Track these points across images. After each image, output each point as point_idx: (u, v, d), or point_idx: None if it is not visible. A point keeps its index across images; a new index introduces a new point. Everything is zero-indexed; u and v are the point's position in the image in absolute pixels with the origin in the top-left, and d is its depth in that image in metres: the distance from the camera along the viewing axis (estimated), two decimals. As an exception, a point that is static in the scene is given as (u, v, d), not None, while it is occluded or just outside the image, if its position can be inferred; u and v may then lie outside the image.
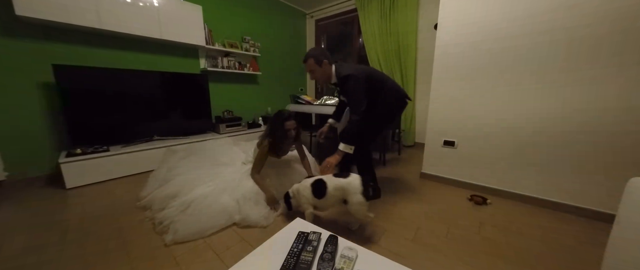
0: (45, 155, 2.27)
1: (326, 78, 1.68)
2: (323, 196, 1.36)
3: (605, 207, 1.59)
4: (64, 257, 1.25)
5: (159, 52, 2.88)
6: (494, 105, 1.89)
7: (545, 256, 1.29)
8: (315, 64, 1.61)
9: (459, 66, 2.01)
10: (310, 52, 1.63)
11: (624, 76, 1.45)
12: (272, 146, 1.71)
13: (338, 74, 1.64)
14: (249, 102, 3.95)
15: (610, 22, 1.44)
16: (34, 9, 1.92)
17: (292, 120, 1.70)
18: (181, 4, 2.76)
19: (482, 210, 1.77)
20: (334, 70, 1.66)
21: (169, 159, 2.20)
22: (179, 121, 2.98)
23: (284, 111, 1.75)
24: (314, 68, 1.62)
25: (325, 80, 1.69)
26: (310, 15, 4.67)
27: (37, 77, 2.15)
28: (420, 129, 3.54)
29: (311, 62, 1.61)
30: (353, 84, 1.56)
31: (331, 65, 1.66)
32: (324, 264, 0.78)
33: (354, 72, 1.58)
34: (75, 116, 2.23)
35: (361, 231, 1.48)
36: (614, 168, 1.54)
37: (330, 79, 1.70)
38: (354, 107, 1.58)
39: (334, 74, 1.66)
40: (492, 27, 1.82)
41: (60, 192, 2.03)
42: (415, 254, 1.30)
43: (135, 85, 2.58)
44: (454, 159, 2.16)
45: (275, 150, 1.75)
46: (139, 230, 1.48)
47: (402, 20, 3.34)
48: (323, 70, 1.63)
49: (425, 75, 3.33)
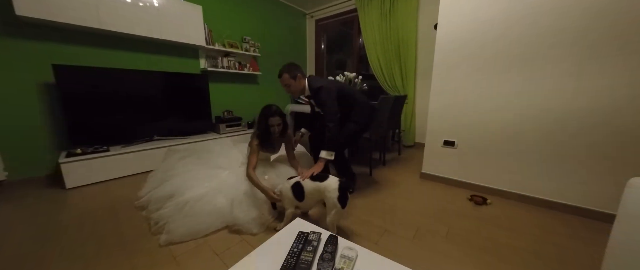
0: (45, 155, 2.27)
1: (300, 91, 1.79)
2: (303, 198, 1.42)
3: (605, 207, 1.59)
4: (64, 257, 1.25)
5: (159, 52, 2.88)
6: (494, 105, 1.90)
7: (545, 256, 1.28)
8: (291, 79, 1.70)
9: (459, 66, 2.01)
10: (284, 68, 1.73)
11: (626, 76, 1.45)
12: (260, 141, 1.70)
13: (310, 87, 1.76)
14: (249, 102, 3.95)
15: (611, 19, 1.44)
16: (34, 9, 1.92)
17: (276, 116, 1.67)
18: (181, 4, 2.76)
19: (482, 210, 1.77)
20: (307, 84, 1.77)
21: (168, 158, 2.20)
22: (179, 121, 2.97)
23: (270, 106, 1.70)
24: (289, 82, 1.71)
25: (299, 93, 1.80)
26: (310, 15, 4.67)
27: (37, 77, 2.15)
28: (420, 129, 3.54)
29: (286, 77, 1.70)
30: (325, 94, 1.69)
31: (304, 79, 1.77)
32: (324, 264, 0.78)
33: (325, 84, 1.72)
34: (76, 116, 2.23)
35: (360, 231, 1.48)
36: (614, 168, 1.54)
37: (304, 92, 1.81)
38: (328, 115, 1.68)
39: (307, 86, 1.77)
40: (492, 28, 1.82)
41: (60, 192, 2.03)
42: (415, 254, 1.30)
43: (135, 86, 2.58)
44: (454, 159, 2.16)
45: (264, 145, 1.74)
46: (139, 230, 1.49)
47: (402, 20, 3.34)
48: (297, 83, 1.73)
49: (425, 75, 3.33)
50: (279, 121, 1.69)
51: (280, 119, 1.70)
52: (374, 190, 2.09)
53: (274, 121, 1.67)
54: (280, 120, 1.69)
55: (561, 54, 1.61)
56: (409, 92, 3.46)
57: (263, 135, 1.69)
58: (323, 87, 1.70)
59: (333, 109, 1.68)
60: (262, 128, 1.68)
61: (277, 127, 1.69)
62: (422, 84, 3.43)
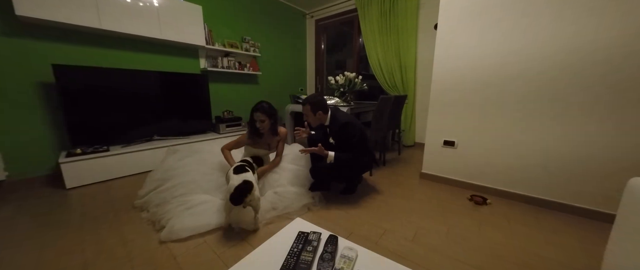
0: (45, 155, 2.27)
1: (318, 123, 1.84)
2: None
3: (605, 207, 1.59)
4: (63, 257, 1.25)
5: (159, 52, 2.88)
6: (494, 104, 1.89)
7: (545, 256, 1.28)
8: (310, 111, 1.77)
9: (459, 66, 2.00)
10: (309, 100, 1.78)
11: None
12: (248, 130, 1.87)
13: (336, 120, 1.80)
14: (249, 102, 3.92)
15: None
16: (34, 8, 1.92)
17: (259, 112, 1.77)
18: (181, 4, 2.76)
19: (482, 210, 1.77)
20: (330, 116, 1.83)
21: (168, 158, 2.20)
22: (179, 121, 2.97)
23: (260, 103, 1.82)
24: (308, 114, 1.79)
25: (317, 124, 1.85)
26: (310, 15, 4.67)
27: (37, 77, 2.15)
28: (420, 129, 3.54)
29: (307, 108, 1.77)
30: (352, 129, 1.74)
31: (326, 114, 1.82)
32: (324, 264, 0.78)
33: (351, 120, 1.78)
34: (75, 116, 2.23)
35: (360, 231, 1.48)
36: (614, 168, 1.54)
37: (323, 122, 1.85)
38: (344, 148, 1.73)
39: (329, 119, 1.83)
40: (494, 34, 1.82)
41: (60, 192, 2.03)
42: (415, 254, 1.29)
43: (135, 85, 2.58)
44: (454, 159, 2.16)
45: (253, 136, 1.88)
46: (139, 230, 1.48)
47: (402, 20, 3.34)
48: (316, 118, 1.79)
49: (425, 74, 3.33)
50: (263, 118, 1.78)
51: (265, 116, 1.78)
52: (374, 190, 2.09)
53: (257, 116, 1.78)
54: (264, 117, 1.78)
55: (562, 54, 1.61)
56: (409, 92, 3.46)
57: (249, 126, 1.85)
58: (350, 123, 1.75)
59: (352, 146, 1.73)
60: (251, 120, 1.83)
61: (260, 123, 1.79)
62: (422, 84, 3.43)
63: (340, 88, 3.09)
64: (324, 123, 1.84)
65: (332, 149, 1.74)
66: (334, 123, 1.81)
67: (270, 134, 1.90)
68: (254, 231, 1.46)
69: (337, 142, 1.83)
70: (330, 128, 1.85)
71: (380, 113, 2.44)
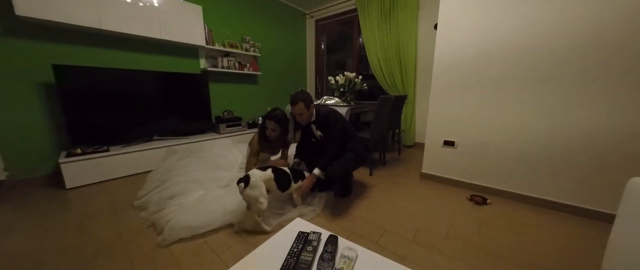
0: (45, 155, 2.27)
1: (309, 119, 1.84)
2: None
3: (605, 207, 1.59)
4: (63, 257, 1.25)
5: (159, 52, 2.88)
6: (494, 104, 1.90)
7: (545, 256, 1.28)
8: (305, 108, 1.75)
9: (459, 66, 2.00)
10: (299, 96, 1.74)
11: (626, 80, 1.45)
12: (259, 135, 1.89)
13: (319, 112, 1.83)
14: (249, 102, 3.96)
15: (614, 29, 1.45)
16: (34, 8, 1.92)
17: (271, 121, 1.81)
18: (181, 4, 2.76)
19: (482, 210, 1.77)
20: (314, 111, 1.84)
21: (168, 158, 2.21)
22: (179, 121, 2.97)
23: (274, 110, 1.86)
24: (303, 111, 1.75)
25: (308, 120, 1.85)
26: (310, 15, 4.67)
27: (37, 77, 2.15)
28: (420, 129, 3.54)
29: (302, 105, 1.73)
30: (334, 117, 1.79)
31: (313, 108, 1.83)
32: (324, 264, 0.78)
33: (333, 110, 1.83)
34: (75, 116, 2.23)
35: (360, 231, 1.48)
36: (614, 168, 1.54)
37: (311, 119, 1.85)
38: (331, 138, 1.78)
39: (314, 114, 1.84)
40: (492, 28, 1.82)
41: (60, 192, 2.03)
42: (415, 254, 1.30)
43: (135, 85, 2.58)
44: (454, 159, 2.16)
45: (262, 141, 1.90)
46: (139, 230, 1.48)
47: (402, 20, 3.34)
48: (310, 112, 1.79)
49: (425, 74, 3.33)
50: (275, 126, 1.83)
51: (277, 125, 1.82)
52: (374, 190, 2.09)
53: (269, 124, 1.82)
54: (275, 126, 1.82)
55: (563, 55, 1.61)
56: (409, 92, 3.46)
57: (260, 132, 1.89)
58: (333, 112, 1.81)
59: (338, 133, 1.77)
60: (262, 126, 1.85)
61: (271, 131, 1.83)
62: (422, 83, 3.42)
63: (340, 88, 3.09)
64: (312, 118, 1.85)
65: (317, 148, 1.79)
66: (319, 116, 1.84)
67: (278, 142, 1.92)
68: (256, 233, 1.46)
69: (324, 133, 1.84)
70: (317, 121, 1.86)
71: (380, 113, 2.44)
